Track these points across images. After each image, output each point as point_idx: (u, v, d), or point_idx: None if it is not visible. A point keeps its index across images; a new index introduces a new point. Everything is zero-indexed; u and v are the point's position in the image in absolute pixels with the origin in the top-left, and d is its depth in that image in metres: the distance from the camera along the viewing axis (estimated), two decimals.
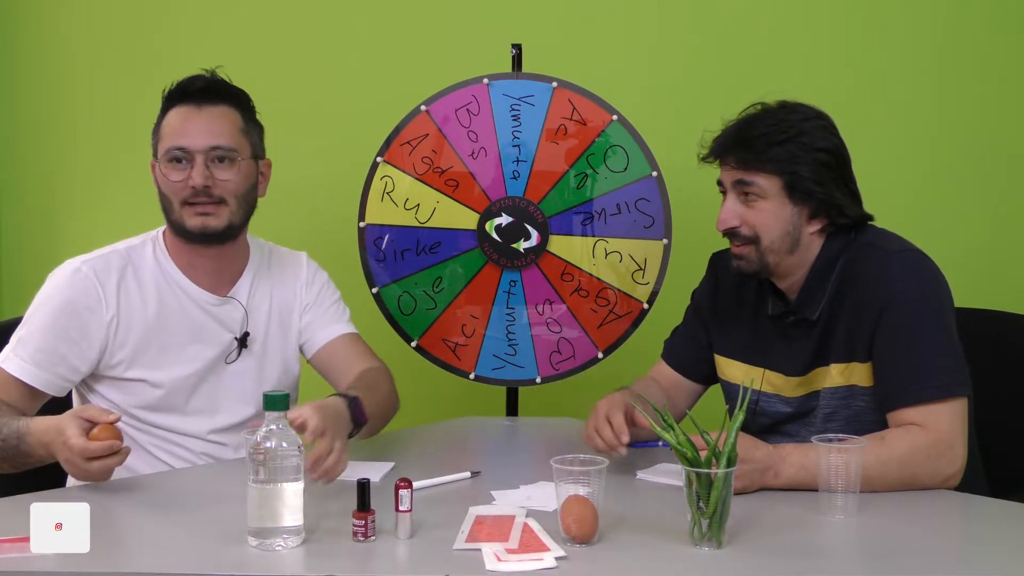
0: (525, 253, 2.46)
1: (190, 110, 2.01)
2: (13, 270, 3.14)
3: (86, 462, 1.69)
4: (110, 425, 1.72)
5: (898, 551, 1.54)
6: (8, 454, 1.83)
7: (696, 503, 1.51)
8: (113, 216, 2.99)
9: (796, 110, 1.92)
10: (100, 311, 1.99)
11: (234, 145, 2.01)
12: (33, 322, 1.98)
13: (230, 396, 2.08)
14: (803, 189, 1.88)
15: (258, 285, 2.13)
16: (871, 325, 1.85)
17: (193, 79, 2.03)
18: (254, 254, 2.15)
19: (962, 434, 1.79)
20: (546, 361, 2.49)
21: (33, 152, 3.12)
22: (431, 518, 1.61)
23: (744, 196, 1.90)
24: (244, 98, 2.08)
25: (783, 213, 1.89)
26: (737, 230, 1.92)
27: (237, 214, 2.02)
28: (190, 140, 1.98)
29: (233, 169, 2.01)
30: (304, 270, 2.21)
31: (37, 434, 1.79)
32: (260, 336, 2.11)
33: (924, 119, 2.79)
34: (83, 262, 2.02)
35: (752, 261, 1.93)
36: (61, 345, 1.97)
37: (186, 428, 2.04)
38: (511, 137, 2.47)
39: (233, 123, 2.03)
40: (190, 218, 1.99)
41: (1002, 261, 2.79)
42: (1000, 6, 2.77)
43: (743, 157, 1.89)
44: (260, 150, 2.10)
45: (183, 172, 1.99)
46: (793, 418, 1.98)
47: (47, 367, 1.96)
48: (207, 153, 1.98)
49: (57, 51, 3.07)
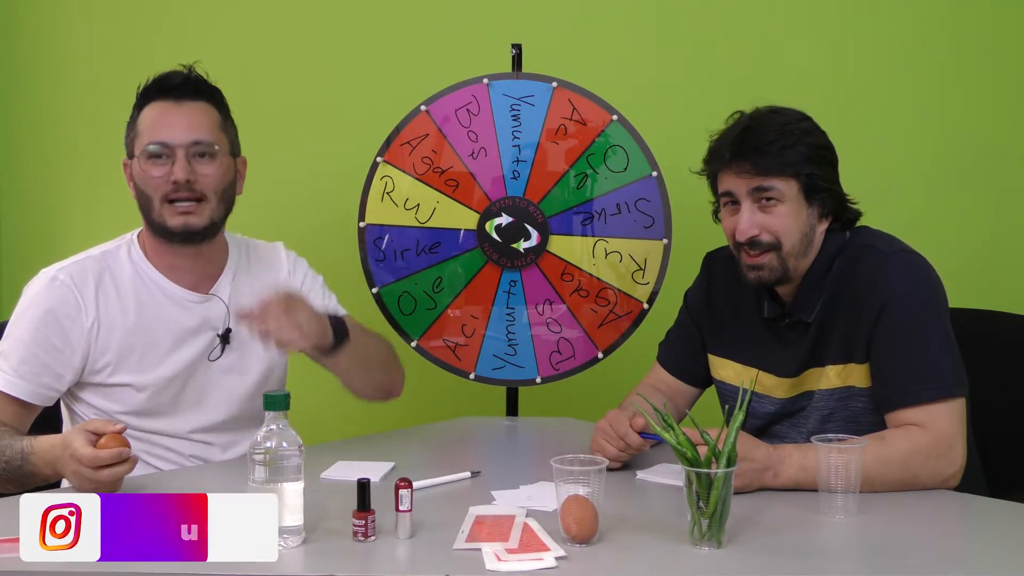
0: (525, 253, 2.46)
1: (168, 105, 1.99)
2: (13, 270, 3.15)
3: (95, 471, 1.66)
4: (117, 435, 1.69)
5: (898, 551, 1.54)
6: (13, 475, 1.81)
7: (696, 503, 1.51)
8: (113, 216, 2.98)
9: (789, 113, 1.92)
10: (80, 318, 1.97)
11: (214, 140, 1.99)
12: (14, 334, 1.97)
13: (215, 394, 2.06)
14: (818, 189, 1.88)
15: (239, 281, 2.11)
16: (868, 326, 1.85)
17: (171, 74, 2.01)
18: (233, 250, 2.13)
19: (961, 434, 1.79)
20: (546, 361, 2.49)
21: (33, 152, 3.12)
22: (431, 518, 1.61)
23: (762, 203, 1.87)
24: (220, 95, 2.06)
25: (801, 215, 1.88)
26: (757, 239, 1.88)
27: (218, 211, 2.01)
28: (171, 134, 1.96)
29: (214, 164, 1.99)
30: (284, 261, 2.19)
31: (42, 452, 1.78)
32: (243, 332, 2.07)
33: (923, 120, 2.79)
34: (59, 270, 1.99)
35: (774, 269, 1.89)
36: (43, 355, 1.95)
37: (173, 429, 2.03)
38: (511, 137, 2.47)
39: (212, 119, 2.01)
40: (171, 217, 1.97)
41: (1001, 262, 2.79)
42: (1000, 6, 2.77)
43: (760, 163, 1.86)
44: (236, 147, 2.09)
45: (163, 167, 1.96)
46: (780, 418, 1.98)
47: (31, 378, 1.94)
48: (188, 148, 1.96)
49: (57, 51, 3.07)
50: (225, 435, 2.07)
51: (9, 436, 1.86)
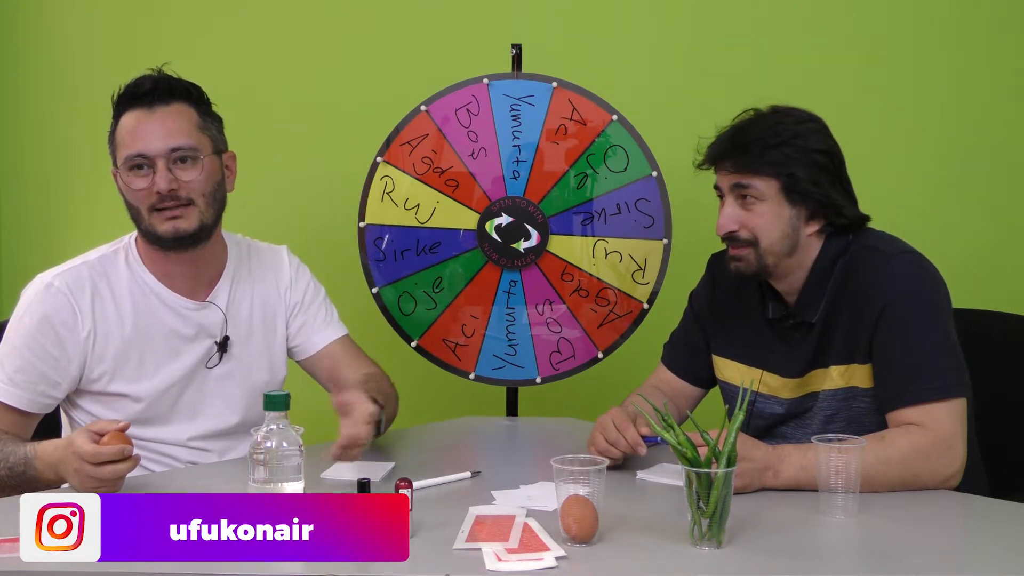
0: (525, 253, 2.46)
1: (142, 113, 1.94)
2: (13, 270, 3.15)
3: (96, 468, 1.65)
4: (120, 433, 1.69)
5: (898, 551, 1.54)
6: (16, 481, 1.81)
7: (696, 503, 1.51)
8: (113, 216, 2.97)
9: (790, 114, 1.94)
10: (76, 326, 1.95)
11: (194, 143, 1.95)
12: (9, 342, 1.95)
13: (213, 402, 2.05)
14: (800, 191, 1.89)
15: (238, 286, 2.09)
16: (870, 326, 1.85)
17: (140, 80, 1.97)
18: (232, 253, 2.10)
19: (962, 434, 1.79)
20: (546, 361, 2.49)
21: (33, 152, 3.12)
22: (431, 518, 1.61)
23: (742, 200, 1.91)
24: (197, 92, 2.00)
25: (781, 215, 1.90)
26: (736, 234, 1.92)
27: (207, 213, 1.97)
28: (147, 144, 1.92)
29: (196, 168, 1.95)
30: (287, 269, 2.17)
31: (44, 456, 1.77)
32: (241, 339, 2.08)
33: (925, 121, 2.79)
34: (55, 276, 1.97)
35: (750, 263, 1.93)
36: (39, 363, 1.94)
37: (170, 437, 2.02)
38: (511, 137, 2.47)
39: (189, 120, 1.96)
40: (160, 224, 1.94)
41: (1003, 262, 2.79)
42: (1001, 7, 2.77)
43: (740, 161, 1.90)
44: (222, 143, 2.03)
45: (146, 178, 1.93)
46: (787, 419, 1.99)
47: (27, 387, 1.93)
48: (167, 156, 1.92)
49: (57, 51, 3.07)
50: (222, 442, 2.05)
51: (12, 443, 1.85)
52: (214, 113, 2.04)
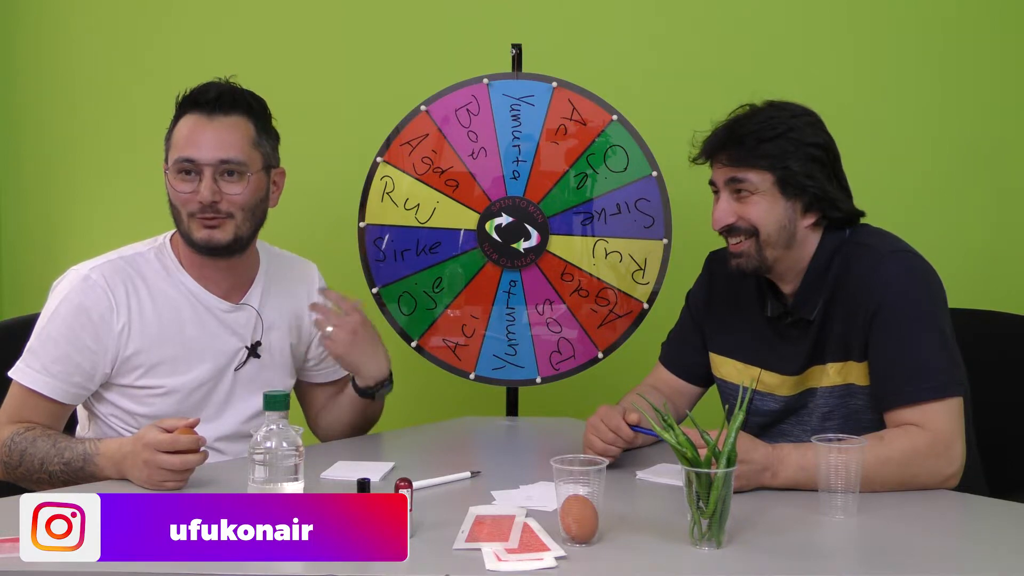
0: (525, 253, 2.46)
1: (201, 119, 1.96)
2: (13, 270, 3.15)
3: (168, 457, 1.67)
4: (189, 429, 1.71)
5: (898, 551, 1.54)
6: (70, 476, 1.81)
7: (696, 503, 1.51)
8: (113, 216, 3.00)
9: (785, 108, 1.94)
10: (111, 318, 1.95)
11: (244, 159, 1.96)
12: (45, 332, 1.94)
13: (237, 404, 2.06)
14: (795, 183, 1.89)
15: (268, 292, 2.11)
16: (866, 325, 1.86)
17: (206, 87, 1.98)
18: (263, 261, 2.13)
19: (960, 433, 1.79)
20: (546, 361, 2.49)
21: (33, 152, 3.12)
22: (431, 518, 1.61)
23: (737, 193, 1.92)
24: (259, 107, 2.02)
25: (777, 207, 1.91)
26: (734, 225, 1.93)
27: (244, 227, 1.99)
28: (199, 152, 1.94)
29: (242, 183, 1.96)
30: (316, 282, 2.21)
31: (108, 453, 1.78)
32: (269, 344, 2.10)
33: (924, 119, 2.79)
34: (91, 268, 1.97)
35: (751, 256, 1.93)
36: (76, 354, 1.93)
37: None
38: (511, 137, 2.47)
39: (244, 135, 1.97)
40: (197, 231, 1.96)
41: (1002, 262, 2.79)
42: (1000, 6, 2.77)
43: (735, 154, 1.91)
44: (273, 159, 2.05)
45: (191, 184, 1.94)
46: (784, 416, 1.99)
47: (64, 377, 1.93)
48: (216, 167, 1.94)
49: (57, 51, 3.07)
50: (238, 444, 2.04)
51: (66, 438, 1.85)
52: (272, 129, 2.05)
